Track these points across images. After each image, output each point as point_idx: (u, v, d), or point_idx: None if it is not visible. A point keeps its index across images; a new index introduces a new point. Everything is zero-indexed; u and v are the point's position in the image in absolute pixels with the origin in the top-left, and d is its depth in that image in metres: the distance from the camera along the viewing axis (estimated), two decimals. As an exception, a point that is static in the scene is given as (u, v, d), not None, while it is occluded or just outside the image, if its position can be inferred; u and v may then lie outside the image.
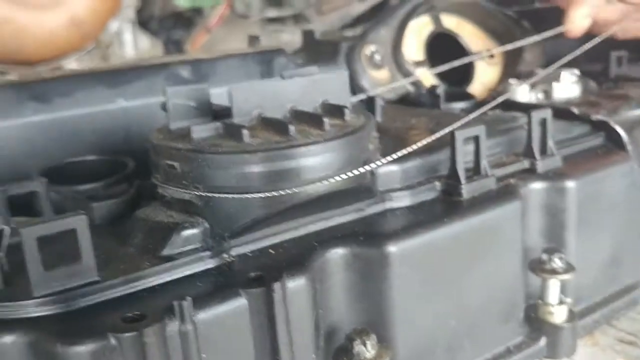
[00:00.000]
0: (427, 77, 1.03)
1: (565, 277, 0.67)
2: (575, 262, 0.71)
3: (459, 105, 0.89)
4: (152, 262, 0.51)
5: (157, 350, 0.44)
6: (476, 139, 0.65)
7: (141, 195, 0.61)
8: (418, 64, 1.03)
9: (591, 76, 0.95)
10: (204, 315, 0.46)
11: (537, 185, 0.69)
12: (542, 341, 0.68)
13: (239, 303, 0.48)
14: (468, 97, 0.93)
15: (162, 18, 2.58)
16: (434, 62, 1.05)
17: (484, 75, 1.10)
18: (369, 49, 0.95)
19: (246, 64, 0.86)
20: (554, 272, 0.67)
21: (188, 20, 2.60)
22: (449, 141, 0.64)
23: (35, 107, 0.72)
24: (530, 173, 0.71)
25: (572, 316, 0.69)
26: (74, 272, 0.47)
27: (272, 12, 2.73)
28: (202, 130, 0.54)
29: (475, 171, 0.66)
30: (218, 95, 0.60)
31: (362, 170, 0.54)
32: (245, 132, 0.53)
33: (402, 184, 0.64)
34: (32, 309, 0.46)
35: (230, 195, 0.51)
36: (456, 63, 0.94)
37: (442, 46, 1.07)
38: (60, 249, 0.47)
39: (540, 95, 0.90)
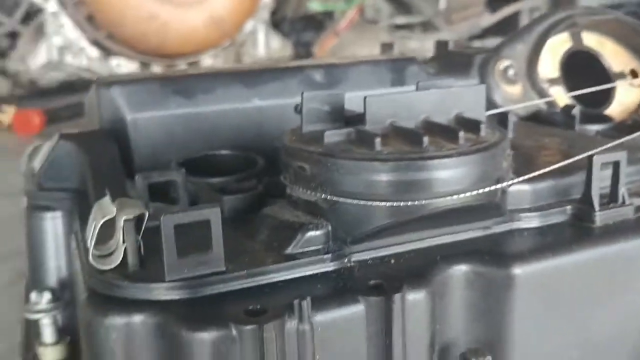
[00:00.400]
0: (561, 95, 0.98)
1: None
2: None
3: (595, 128, 0.84)
4: (275, 259, 0.52)
5: (274, 346, 0.45)
6: (616, 165, 0.62)
7: (268, 193, 0.63)
8: (552, 81, 0.99)
9: None
10: (321, 317, 0.47)
11: (682, 218, 0.64)
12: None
13: (357, 309, 0.48)
14: (605, 119, 0.88)
15: (294, 20, 2.66)
16: (569, 80, 1.01)
17: (625, 97, 1.03)
18: (503, 63, 0.92)
19: (378, 71, 0.86)
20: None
21: (319, 23, 2.66)
22: (586, 165, 0.61)
23: (178, 101, 0.76)
24: (674, 204, 0.66)
25: None
26: (203, 260, 0.49)
27: (401, 19, 2.73)
28: (334, 135, 0.55)
29: (612, 198, 0.63)
30: (348, 100, 0.61)
31: (494, 187, 0.53)
32: (377, 140, 0.53)
33: (532, 205, 0.62)
34: (162, 292, 0.48)
35: (355, 201, 0.52)
36: (601, 86, 0.89)
37: (579, 64, 1.02)
38: (191, 238, 0.50)
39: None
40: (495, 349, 0.55)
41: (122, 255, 0.51)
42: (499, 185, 0.53)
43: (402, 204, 0.51)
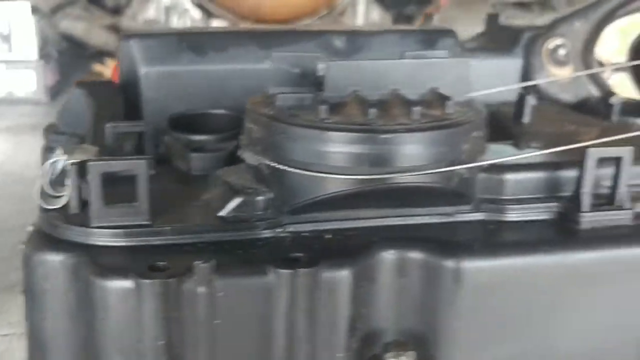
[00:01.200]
0: (626, 84, 0.88)
1: None
2: None
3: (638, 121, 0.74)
4: (207, 220, 0.51)
5: (166, 303, 0.44)
6: (618, 162, 0.54)
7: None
8: (617, 68, 0.89)
9: None
10: (224, 282, 0.46)
11: (697, 233, 0.55)
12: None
13: (263, 280, 0.46)
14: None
15: (401, -7, 2.58)
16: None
17: None
18: (554, 42, 0.84)
19: (405, 42, 0.81)
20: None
21: (425, -4, 2.57)
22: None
23: (190, 57, 0.77)
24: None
25: None
26: (130, 211, 0.50)
27: (516, -3, 2.57)
28: (288, 99, 0.53)
29: (609, 200, 0.55)
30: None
31: (440, 170, 0.48)
32: (324, 107, 0.50)
33: (513, 197, 0.56)
34: (87, 236, 0.49)
35: (291, 169, 0.50)
36: None
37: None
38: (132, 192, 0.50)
39: None
40: (428, 345, 0.51)
41: (67, 198, 0.52)
42: (446, 169, 0.48)
43: (336, 176, 0.48)
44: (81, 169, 0.51)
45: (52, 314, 0.49)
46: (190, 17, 2.20)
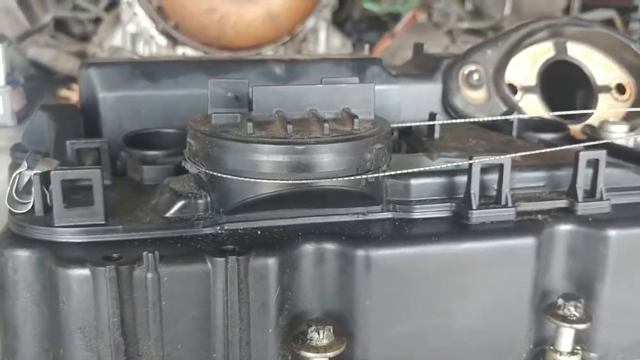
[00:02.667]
0: (536, 104, 1.00)
1: (578, 326, 0.64)
2: (606, 318, 0.67)
3: (540, 136, 0.86)
4: (154, 220, 0.61)
5: (116, 287, 0.53)
6: (500, 168, 0.65)
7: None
8: (527, 89, 1.01)
9: None
10: (168, 269, 0.55)
11: (569, 227, 0.66)
12: (542, 388, 0.66)
13: (202, 267, 0.56)
14: (560, 129, 0.89)
15: (359, 20, 2.72)
16: (550, 90, 1.02)
17: (609, 112, 1.03)
18: (468, 68, 0.95)
19: (338, 69, 0.92)
20: (565, 319, 0.64)
21: (383, 24, 2.71)
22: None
23: (144, 84, 0.86)
24: (567, 213, 0.68)
25: (583, 370, 0.66)
26: (87, 213, 0.59)
27: (466, 24, 2.72)
28: (221, 118, 0.63)
29: (496, 200, 0.66)
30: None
31: (351, 177, 0.59)
32: (250, 124, 0.60)
33: (414, 198, 0.67)
34: (50, 234, 0.58)
35: (225, 176, 0.59)
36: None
37: (562, 75, 1.03)
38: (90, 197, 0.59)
39: (640, 139, 0.84)
40: (346, 323, 0.60)
41: (31, 204, 0.61)
42: (354, 176, 0.59)
43: (257, 180, 0.58)
44: (44, 178, 0.60)
45: (21, 301, 0.58)
46: (156, 44, 2.29)
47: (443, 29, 2.68)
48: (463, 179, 0.67)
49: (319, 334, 0.58)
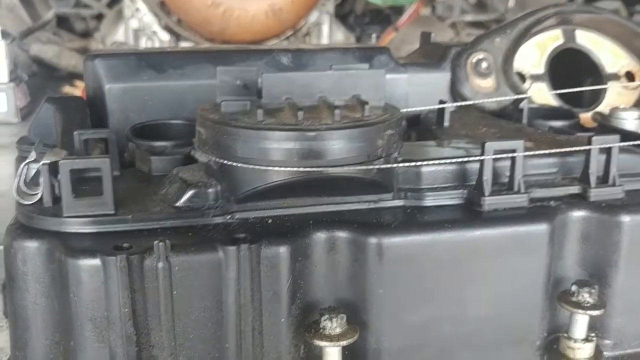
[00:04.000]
0: (544, 92, 0.99)
1: (593, 313, 0.63)
2: (620, 304, 0.66)
3: (550, 123, 0.85)
4: (164, 210, 0.60)
5: (127, 276, 0.53)
6: (513, 153, 0.64)
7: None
8: (535, 77, 1.00)
9: None
10: (179, 258, 0.54)
11: (582, 214, 0.66)
12: (557, 375, 0.65)
13: (213, 256, 0.55)
14: (570, 116, 0.88)
15: (362, 14, 2.70)
16: (558, 78, 1.01)
17: (618, 99, 1.02)
18: (476, 56, 0.94)
19: (345, 58, 0.91)
20: (579, 305, 0.64)
21: (386, 17, 2.69)
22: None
23: (150, 74, 0.86)
24: (580, 199, 0.67)
25: (598, 356, 0.65)
26: (97, 203, 0.58)
27: (470, 17, 2.71)
28: (231, 106, 0.62)
29: (509, 186, 0.65)
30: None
31: (360, 166, 0.58)
32: (260, 111, 0.59)
33: (426, 186, 0.66)
34: (59, 225, 0.58)
35: (235, 164, 0.59)
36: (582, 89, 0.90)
37: (570, 62, 1.02)
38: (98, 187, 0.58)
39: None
40: (358, 311, 0.60)
41: (40, 194, 0.61)
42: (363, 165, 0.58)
43: (268, 168, 0.57)
44: (52, 168, 0.60)
45: (31, 293, 0.57)
46: (158, 39, 2.28)
47: (447, 22, 2.67)
48: (475, 166, 0.66)
49: (331, 322, 0.57)
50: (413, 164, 0.64)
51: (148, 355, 0.55)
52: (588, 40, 1.03)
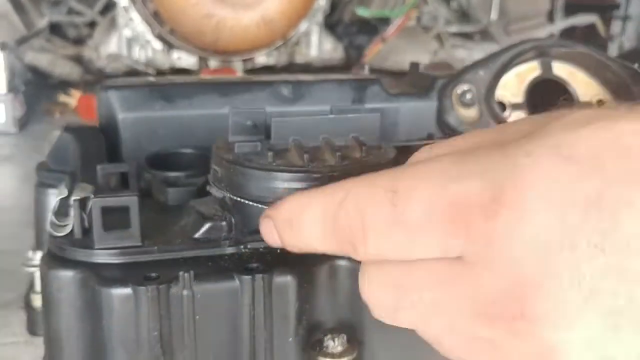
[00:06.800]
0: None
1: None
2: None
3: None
4: (184, 241, 0.67)
5: (157, 304, 0.60)
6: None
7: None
8: (515, 106, 1.08)
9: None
10: (201, 287, 0.62)
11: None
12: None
13: (231, 284, 0.62)
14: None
15: (349, 24, 2.78)
16: (536, 106, 1.09)
17: (591, 125, 1.11)
18: (462, 87, 1.02)
19: (341, 89, 0.99)
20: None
21: (374, 28, 2.78)
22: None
23: (162, 105, 0.92)
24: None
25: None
26: (125, 236, 0.65)
27: (454, 28, 2.80)
28: (244, 147, 0.69)
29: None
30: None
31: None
32: (270, 153, 0.67)
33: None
34: (91, 256, 0.64)
35: (244, 201, 0.66)
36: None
37: (548, 92, 1.10)
38: (123, 219, 0.65)
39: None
40: (357, 331, 0.67)
41: (71, 226, 0.67)
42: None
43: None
44: (82, 203, 0.66)
45: (65, 318, 0.64)
46: (152, 48, 2.34)
47: (431, 32, 2.76)
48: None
49: (334, 341, 0.65)
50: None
51: (172, 374, 0.62)
52: (564, 71, 1.12)
